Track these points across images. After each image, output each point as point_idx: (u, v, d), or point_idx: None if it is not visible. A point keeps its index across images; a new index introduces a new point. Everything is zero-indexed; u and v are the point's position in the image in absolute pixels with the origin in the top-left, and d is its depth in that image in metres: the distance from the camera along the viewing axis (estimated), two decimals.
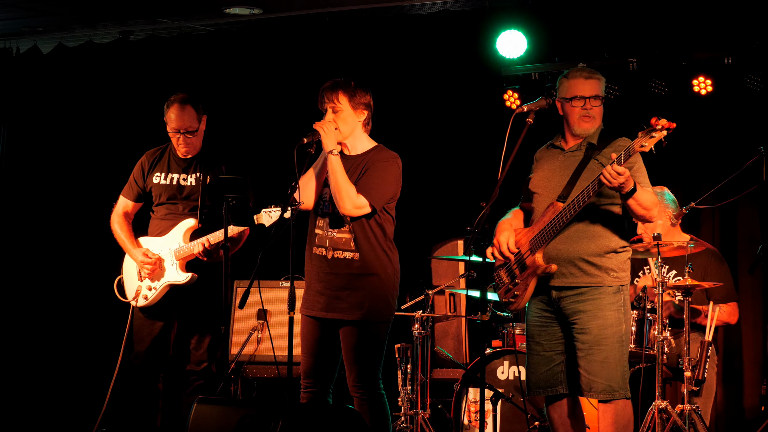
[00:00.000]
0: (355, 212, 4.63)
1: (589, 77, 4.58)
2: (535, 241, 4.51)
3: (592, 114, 4.57)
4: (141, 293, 5.57)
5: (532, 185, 4.67)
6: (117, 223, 5.66)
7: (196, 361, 5.55)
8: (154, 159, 5.66)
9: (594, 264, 4.47)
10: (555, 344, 4.58)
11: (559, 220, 4.43)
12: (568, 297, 4.50)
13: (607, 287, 4.48)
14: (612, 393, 4.47)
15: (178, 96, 5.58)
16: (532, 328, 4.63)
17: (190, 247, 5.46)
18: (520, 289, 4.58)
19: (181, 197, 5.57)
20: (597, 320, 4.45)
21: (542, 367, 4.59)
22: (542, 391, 4.61)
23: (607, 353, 4.44)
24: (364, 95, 4.74)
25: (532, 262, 4.53)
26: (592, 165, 4.48)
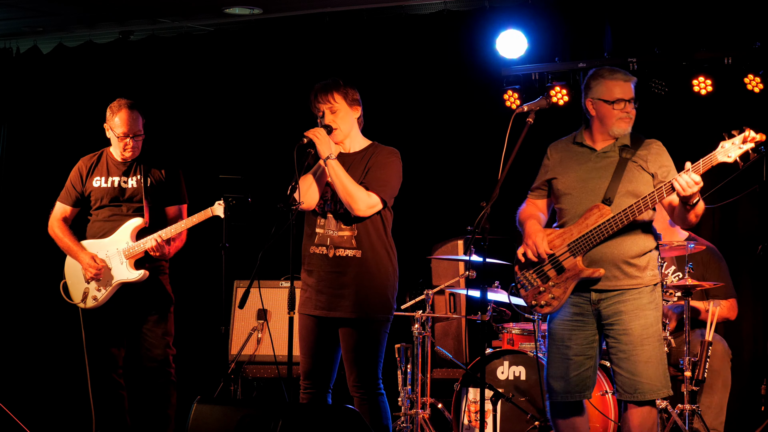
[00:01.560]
0: (369, 212, 4.64)
1: (628, 80, 4.55)
2: (577, 245, 4.45)
3: (632, 115, 4.55)
4: (90, 294, 5.68)
5: (564, 185, 4.59)
6: (58, 228, 5.80)
7: (152, 357, 5.66)
8: (91, 164, 5.80)
9: (635, 265, 4.45)
10: (586, 348, 4.53)
11: (608, 227, 4.38)
12: (609, 298, 4.46)
13: (645, 287, 4.46)
14: (657, 392, 4.44)
15: (122, 101, 5.71)
16: (562, 331, 4.55)
17: (140, 245, 5.59)
18: (558, 291, 4.51)
19: (124, 199, 5.71)
20: (639, 320, 4.42)
21: (573, 372, 4.52)
22: (571, 396, 4.54)
23: (650, 353, 4.42)
24: (354, 92, 4.78)
25: (572, 266, 4.47)
26: (631, 167, 4.46)
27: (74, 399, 6.79)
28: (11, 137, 8.34)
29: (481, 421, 5.05)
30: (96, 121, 5.86)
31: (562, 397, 4.55)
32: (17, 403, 6.48)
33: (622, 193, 4.43)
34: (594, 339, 4.54)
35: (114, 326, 5.70)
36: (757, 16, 6.43)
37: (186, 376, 6.32)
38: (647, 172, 4.47)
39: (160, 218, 5.72)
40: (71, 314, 5.87)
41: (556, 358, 4.57)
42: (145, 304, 5.68)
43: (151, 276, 5.66)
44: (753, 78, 6.39)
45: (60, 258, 5.85)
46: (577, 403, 4.59)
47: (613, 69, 4.60)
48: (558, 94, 6.81)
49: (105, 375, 5.69)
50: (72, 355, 6.43)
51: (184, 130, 7.85)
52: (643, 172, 4.47)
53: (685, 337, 5.42)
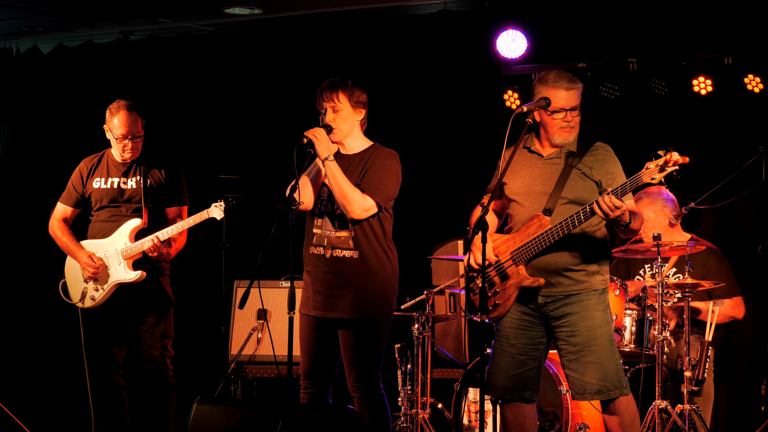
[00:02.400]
0: (364, 215, 4.63)
1: (570, 87, 4.47)
2: (519, 254, 4.46)
3: (573, 124, 4.48)
4: (88, 294, 5.69)
5: (510, 191, 4.57)
6: (57, 228, 5.81)
7: (149, 358, 5.66)
8: (92, 165, 5.81)
9: (583, 271, 4.44)
10: (530, 348, 4.53)
11: (546, 238, 4.37)
12: (556, 301, 4.46)
13: (593, 290, 4.46)
14: (607, 392, 4.44)
15: (121, 103, 5.70)
16: (508, 329, 4.55)
17: (138, 246, 5.59)
18: (502, 298, 4.52)
19: (123, 200, 5.72)
20: (586, 321, 4.42)
21: (513, 370, 4.53)
22: (509, 393, 4.54)
23: (598, 353, 4.41)
24: (361, 94, 4.75)
25: (515, 273, 4.48)
26: (575, 175, 4.43)
27: (74, 399, 6.79)
28: (11, 137, 8.34)
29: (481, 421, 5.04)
30: (96, 121, 5.86)
31: (500, 393, 4.56)
32: (17, 403, 6.48)
33: (563, 202, 4.40)
34: (540, 341, 4.54)
35: (113, 326, 5.70)
36: (757, 16, 6.43)
37: (186, 376, 6.33)
38: (591, 179, 4.42)
39: (160, 219, 5.72)
40: (71, 314, 5.87)
41: (498, 354, 4.57)
42: (144, 305, 5.68)
43: (150, 277, 5.65)
44: (753, 78, 6.39)
45: (60, 258, 5.86)
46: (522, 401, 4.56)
47: (559, 75, 4.50)
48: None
49: (105, 375, 5.69)
50: (72, 355, 6.44)
51: (184, 130, 7.85)
52: (587, 179, 4.43)
53: (685, 337, 5.42)
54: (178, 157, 6.05)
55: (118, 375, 5.73)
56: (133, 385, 5.80)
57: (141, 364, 5.68)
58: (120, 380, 5.73)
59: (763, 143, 5.99)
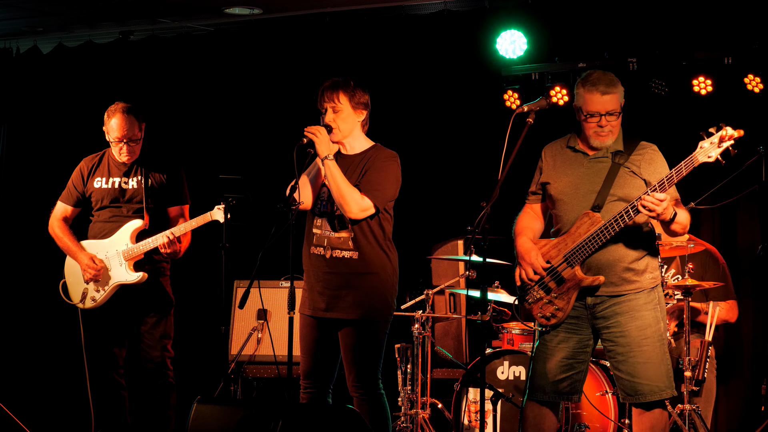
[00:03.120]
0: (361, 215, 4.62)
1: (606, 92, 4.40)
2: (573, 255, 4.41)
3: (608, 129, 4.44)
4: (89, 295, 5.70)
5: (556, 191, 4.54)
6: (58, 228, 5.80)
7: (149, 358, 5.67)
8: (93, 165, 5.80)
9: (633, 270, 4.40)
10: (580, 352, 4.50)
11: (601, 234, 4.33)
12: (604, 302, 4.42)
13: (642, 290, 4.42)
14: (659, 393, 4.39)
15: (118, 105, 5.68)
16: (559, 333, 4.50)
17: (140, 247, 5.60)
18: (561, 302, 4.46)
19: (124, 200, 5.71)
20: (635, 321, 4.38)
21: (564, 373, 4.49)
22: (559, 396, 4.51)
23: (648, 354, 4.37)
24: (363, 95, 4.74)
25: (571, 276, 4.43)
26: (623, 172, 4.41)
27: (74, 399, 6.79)
28: (11, 137, 8.34)
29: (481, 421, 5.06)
30: (96, 121, 5.86)
31: (551, 396, 4.52)
32: (17, 403, 6.49)
33: (613, 199, 4.38)
34: (588, 344, 4.52)
35: (113, 326, 5.70)
36: (757, 16, 6.43)
37: (186, 376, 6.33)
38: (640, 177, 4.41)
39: (162, 219, 5.72)
40: (71, 314, 5.88)
41: (548, 358, 4.52)
42: (145, 306, 5.68)
43: (151, 277, 5.66)
44: (753, 78, 6.39)
45: (60, 258, 5.86)
46: (555, 405, 4.56)
47: (600, 77, 4.45)
48: (558, 94, 6.81)
49: (106, 375, 5.69)
50: (72, 355, 6.44)
51: (184, 130, 7.85)
52: (636, 177, 4.41)
53: (685, 337, 5.42)
54: (179, 156, 6.04)
55: (119, 375, 5.73)
56: (133, 385, 5.80)
57: (141, 364, 5.68)
58: (120, 380, 5.73)
59: (763, 143, 5.99)
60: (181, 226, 5.61)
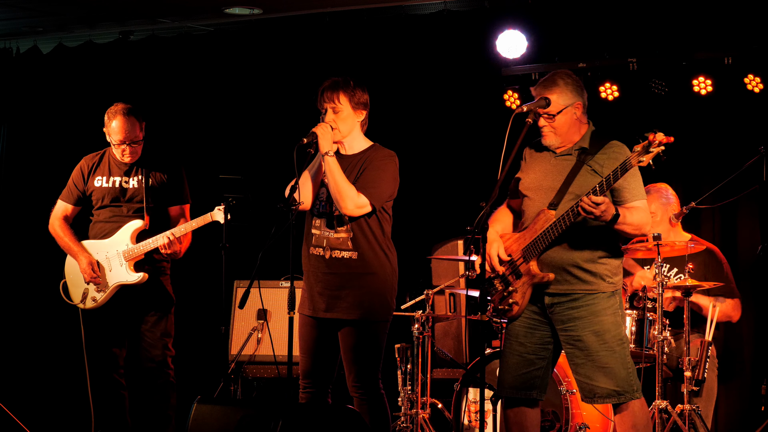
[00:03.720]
0: (357, 212, 4.62)
1: (540, 93, 4.48)
2: (528, 250, 4.45)
3: (547, 129, 4.48)
4: (89, 295, 5.70)
5: (523, 186, 4.59)
6: (59, 227, 5.80)
7: (150, 357, 5.67)
8: (93, 163, 5.79)
9: (588, 270, 4.41)
10: (539, 348, 4.52)
11: (551, 231, 4.36)
12: (562, 303, 4.43)
13: (601, 293, 4.42)
14: (618, 397, 4.40)
15: (119, 107, 5.66)
16: (518, 328, 4.54)
17: (140, 247, 5.60)
18: (517, 296, 4.51)
19: (125, 200, 5.71)
20: (593, 326, 4.39)
21: (521, 369, 4.52)
22: (516, 392, 4.53)
23: (607, 358, 4.38)
24: (363, 95, 4.74)
25: (527, 270, 4.47)
26: (585, 171, 4.42)
27: (74, 399, 6.80)
28: (11, 137, 8.34)
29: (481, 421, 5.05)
30: (96, 121, 5.86)
31: (507, 392, 4.55)
32: (17, 403, 6.49)
33: (570, 198, 4.38)
34: (549, 341, 4.52)
35: (114, 326, 5.70)
36: (757, 16, 6.43)
37: (186, 376, 6.32)
38: (600, 176, 4.37)
39: (162, 219, 5.72)
40: (71, 314, 5.88)
41: (507, 353, 4.57)
42: (145, 305, 5.68)
43: (151, 277, 5.65)
44: (753, 78, 6.38)
45: (60, 258, 5.86)
46: (527, 401, 4.56)
47: (545, 78, 4.51)
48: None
49: (106, 375, 5.69)
50: (72, 355, 6.45)
51: (184, 130, 7.85)
52: (596, 176, 4.38)
53: (685, 337, 5.42)
54: (179, 155, 6.04)
55: (119, 375, 5.73)
56: (133, 385, 5.80)
57: (142, 363, 5.68)
58: (120, 380, 5.73)
59: (763, 143, 5.99)
60: (181, 226, 5.61)
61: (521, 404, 4.56)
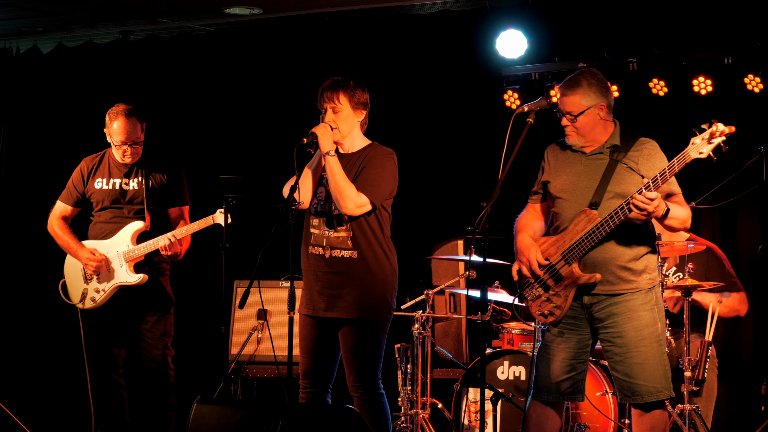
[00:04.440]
0: (357, 211, 4.62)
1: (565, 93, 4.47)
2: (570, 252, 4.40)
3: (570, 129, 4.47)
4: (88, 295, 5.70)
5: (555, 189, 4.54)
6: (57, 226, 5.80)
7: (150, 357, 5.67)
8: (93, 165, 5.79)
9: (630, 269, 4.39)
10: (581, 352, 4.49)
11: (597, 232, 4.32)
12: (602, 301, 4.41)
13: (640, 290, 4.40)
14: (657, 394, 4.38)
15: (120, 108, 5.66)
16: (559, 332, 4.49)
17: (141, 248, 5.60)
18: (559, 300, 4.45)
19: (125, 201, 5.71)
20: (632, 322, 4.36)
21: (566, 374, 4.48)
22: (562, 397, 4.50)
23: (645, 355, 4.36)
24: (363, 94, 4.74)
25: (569, 273, 4.42)
26: (620, 169, 4.39)
27: (74, 399, 6.80)
28: (11, 137, 8.35)
29: (481, 421, 5.06)
30: (96, 121, 5.86)
31: (554, 396, 4.51)
32: (17, 403, 6.49)
33: (610, 196, 4.37)
34: (588, 343, 4.51)
35: (113, 326, 5.70)
36: (757, 16, 6.43)
37: (186, 376, 6.32)
38: (638, 173, 4.38)
39: (162, 220, 5.72)
40: (71, 314, 5.88)
41: (551, 357, 4.52)
42: (145, 305, 5.68)
43: (151, 277, 5.65)
44: (753, 78, 6.39)
45: (60, 258, 5.86)
46: (555, 405, 4.56)
47: (569, 78, 4.50)
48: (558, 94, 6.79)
49: (105, 375, 5.70)
50: (72, 355, 6.45)
51: (184, 130, 7.85)
52: (633, 173, 4.38)
53: (685, 337, 5.42)
54: (179, 157, 6.04)
55: (119, 375, 5.73)
56: (133, 385, 5.80)
57: (142, 363, 5.68)
58: (120, 380, 5.74)
59: (763, 143, 5.99)
60: (182, 228, 5.61)
61: (551, 407, 4.54)
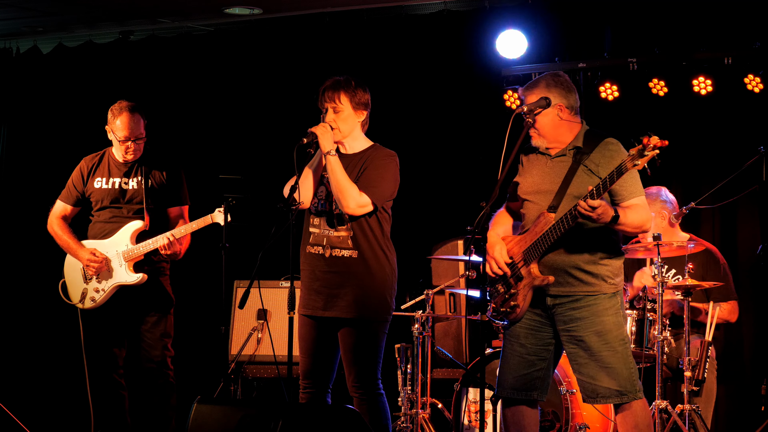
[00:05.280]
0: (359, 211, 4.63)
1: (525, 94, 4.50)
2: (529, 253, 4.44)
3: (532, 132, 4.48)
4: (88, 295, 5.69)
5: (521, 190, 4.58)
6: (57, 226, 5.79)
7: (150, 358, 5.67)
8: (93, 164, 5.78)
9: (589, 272, 4.39)
10: (541, 349, 4.51)
11: (550, 234, 4.35)
12: (563, 304, 4.42)
13: (602, 294, 4.41)
14: (620, 397, 4.39)
15: (123, 104, 5.66)
16: (519, 329, 4.53)
17: (140, 248, 5.60)
18: (519, 299, 4.49)
19: (125, 201, 5.70)
20: (595, 327, 4.38)
21: (522, 370, 4.51)
22: (516, 393, 4.52)
23: (609, 358, 4.37)
24: (364, 95, 4.74)
25: (527, 273, 4.45)
26: (581, 171, 4.40)
27: (74, 399, 6.80)
28: (11, 137, 8.35)
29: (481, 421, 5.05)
30: (96, 121, 5.86)
31: (508, 392, 4.54)
32: (17, 403, 6.49)
33: (569, 199, 4.37)
34: (550, 342, 4.51)
35: (113, 326, 5.70)
36: (757, 16, 6.43)
37: (186, 376, 6.33)
38: (596, 175, 4.36)
39: (162, 220, 5.72)
40: (71, 314, 5.87)
41: (508, 354, 4.55)
42: (144, 305, 5.68)
43: (151, 277, 5.65)
44: (753, 78, 6.39)
45: (59, 257, 5.86)
46: (527, 401, 4.55)
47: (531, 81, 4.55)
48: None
49: (105, 375, 5.69)
50: (72, 355, 6.45)
51: (184, 130, 7.85)
52: (592, 176, 4.37)
53: (685, 337, 5.42)
54: (178, 157, 6.04)
55: (118, 375, 5.73)
56: (133, 385, 5.80)
57: (142, 364, 5.68)
58: (120, 380, 5.73)
59: (763, 143, 5.99)
60: (181, 228, 5.61)
61: (520, 404, 4.56)
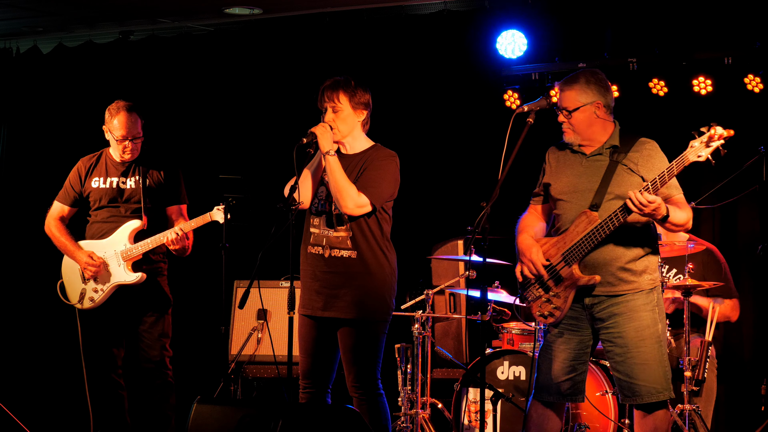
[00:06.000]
0: (357, 211, 4.62)
1: (563, 89, 4.49)
2: (570, 254, 4.40)
3: (566, 127, 4.48)
4: (87, 295, 5.69)
5: (556, 191, 4.54)
6: (54, 227, 5.80)
7: (149, 358, 5.67)
8: (90, 165, 5.79)
9: (631, 270, 4.38)
10: (582, 353, 4.49)
11: (597, 233, 4.32)
12: (602, 302, 4.40)
13: (641, 291, 4.39)
14: (657, 395, 4.37)
15: (120, 104, 5.68)
16: (559, 333, 4.49)
17: (139, 247, 5.60)
18: (559, 301, 4.45)
19: (122, 200, 5.71)
20: (633, 322, 4.36)
21: (566, 375, 4.48)
22: (562, 398, 4.50)
23: (646, 355, 4.35)
24: (363, 95, 4.73)
25: (569, 274, 4.41)
26: (621, 170, 4.39)
27: (73, 399, 6.79)
28: (11, 137, 8.34)
29: (481, 421, 5.06)
30: (96, 121, 5.86)
31: (556, 398, 4.51)
32: (17, 403, 6.49)
33: (610, 198, 4.36)
34: (589, 344, 4.51)
35: (111, 327, 5.70)
36: (757, 16, 6.43)
37: (186, 376, 6.33)
38: (637, 174, 4.37)
39: (160, 219, 5.72)
40: (70, 314, 5.87)
41: (552, 358, 4.51)
42: (143, 305, 5.68)
43: (149, 277, 5.65)
44: (753, 78, 6.39)
45: (58, 258, 5.86)
46: (559, 406, 4.55)
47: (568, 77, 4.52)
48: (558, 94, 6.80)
49: (104, 375, 5.69)
50: (71, 356, 6.44)
51: (184, 130, 7.86)
52: (633, 174, 4.38)
53: (685, 337, 5.42)
54: (178, 157, 6.05)
55: (117, 375, 5.73)
56: (132, 385, 5.80)
57: (140, 364, 5.68)
58: (119, 380, 5.73)
59: (763, 143, 5.99)
60: (180, 225, 5.61)
61: (551, 407, 4.54)
